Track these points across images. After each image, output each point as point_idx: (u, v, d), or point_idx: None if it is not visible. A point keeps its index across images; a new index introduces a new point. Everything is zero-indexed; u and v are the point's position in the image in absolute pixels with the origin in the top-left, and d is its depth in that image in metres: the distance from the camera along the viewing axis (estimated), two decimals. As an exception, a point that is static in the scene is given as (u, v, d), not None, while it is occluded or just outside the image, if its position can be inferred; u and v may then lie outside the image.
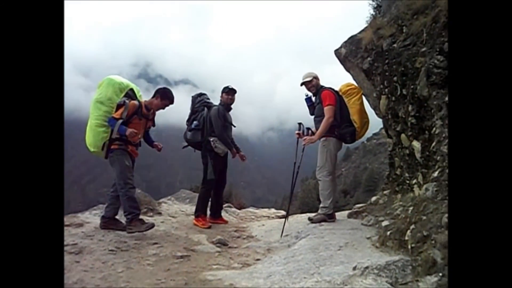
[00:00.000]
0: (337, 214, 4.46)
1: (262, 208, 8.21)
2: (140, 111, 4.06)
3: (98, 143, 3.94)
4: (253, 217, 5.84)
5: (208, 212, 4.97)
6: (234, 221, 5.37)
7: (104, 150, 3.97)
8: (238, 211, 6.25)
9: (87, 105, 4.18)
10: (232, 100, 5.03)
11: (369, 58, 4.47)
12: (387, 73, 4.14)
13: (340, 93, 4.45)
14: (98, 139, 3.93)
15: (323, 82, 4.63)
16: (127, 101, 3.97)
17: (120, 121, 3.87)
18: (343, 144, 4.45)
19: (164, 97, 4.20)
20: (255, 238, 4.27)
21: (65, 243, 3.22)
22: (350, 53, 4.74)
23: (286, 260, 3.03)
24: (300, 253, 3.11)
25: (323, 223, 4.10)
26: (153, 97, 4.20)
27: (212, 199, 5.01)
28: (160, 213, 5.05)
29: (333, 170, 4.30)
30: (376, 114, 5.46)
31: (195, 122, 4.88)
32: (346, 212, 4.57)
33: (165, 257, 3.21)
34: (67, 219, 4.14)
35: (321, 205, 4.24)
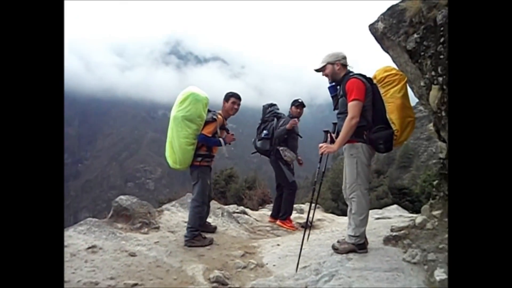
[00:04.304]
0: (369, 230, 3.48)
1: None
2: (223, 124, 4.16)
3: (188, 160, 3.95)
4: (268, 227, 4.99)
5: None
6: (244, 236, 4.56)
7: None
8: (253, 217, 5.43)
9: (122, 84, 3.88)
10: (301, 114, 5.26)
11: (415, 35, 3.34)
12: (441, 56, 3.03)
13: (375, 81, 3.31)
14: (188, 157, 3.91)
15: (361, 64, 3.55)
16: (215, 117, 4.00)
17: (221, 140, 4.02)
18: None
19: (230, 97, 4.23)
20: (265, 268, 3.43)
21: None
22: (389, 28, 3.61)
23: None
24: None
25: (351, 255, 3.18)
26: (223, 106, 4.25)
27: (275, 202, 5.45)
28: (157, 228, 4.32)
29: (369, 186, 3.29)
30: (422, 105, 4.33)
31: (264, 132, 5.23)
32: (381, 236, 3.58)
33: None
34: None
35: (349, 233, 3.25)
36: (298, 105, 5.23)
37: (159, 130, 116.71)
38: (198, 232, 4.00)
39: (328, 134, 3.45)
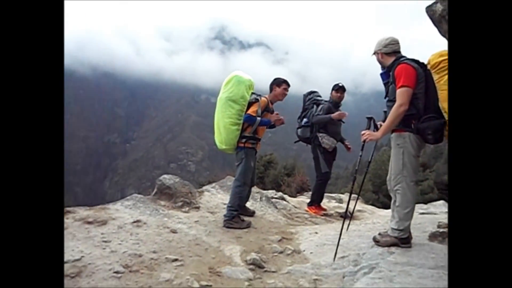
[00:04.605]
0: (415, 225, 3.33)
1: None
2: (268, 106, 4.22)
3: (232, 141, 4.07)
4: (306, 215, 4.95)
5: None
6: (282, 221, 4.56)
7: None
8: (291, 204, 5.41)
9: (169, 68, 3.88)
10: (341, 98, 5.21)
11: (479, 18, 3.06)
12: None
13: (429, 67, 3.07)
14: (232, 137, 4.05)
15: (412, 49, 3.35)
16: (258, 98, 4.12)
17: (259, 119, 4.04)
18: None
19: (281, 83, 4.32)
20: (302, 255, 3.41)
21: (67, 253, 2.73)
22: (449, 10, 3.33)
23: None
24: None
25: (393, 249, 3.06)
26: (271, 90, 4.35)
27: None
28: (198, 207, 4.44)
29: (416, 178, 3.11)
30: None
31: (305, 120, 5.25)
32: (427, 232, 3.40)
33: (176, 289, 2.55)
34: (93, 213, 3.72)
35: (392, 226, 3.12)
36: (338, 89, 5.17)
37: (202, 114, 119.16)
38: (237, 213, 4.07)
39: (372, 121, 3.33)
